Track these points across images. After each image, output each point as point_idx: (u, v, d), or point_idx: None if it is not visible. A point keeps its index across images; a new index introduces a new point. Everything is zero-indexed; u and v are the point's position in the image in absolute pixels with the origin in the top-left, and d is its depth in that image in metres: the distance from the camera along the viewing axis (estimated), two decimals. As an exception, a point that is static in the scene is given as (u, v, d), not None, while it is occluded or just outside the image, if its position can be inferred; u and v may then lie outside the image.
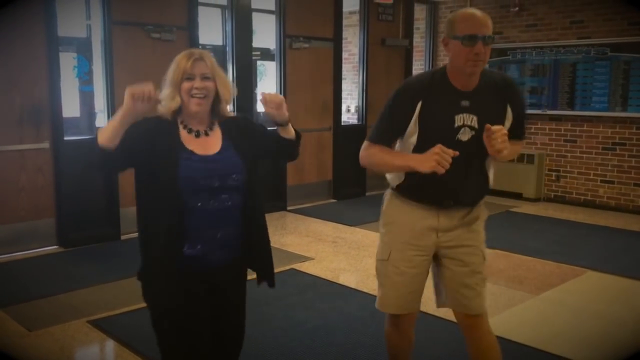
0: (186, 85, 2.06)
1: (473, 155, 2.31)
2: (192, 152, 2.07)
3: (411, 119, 2.30)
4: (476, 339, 2.47)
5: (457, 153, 2.17)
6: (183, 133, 2.11)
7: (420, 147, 2.28)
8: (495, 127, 2.17)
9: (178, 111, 2.11)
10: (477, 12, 2.25)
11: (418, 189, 2.37)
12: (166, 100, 2.07)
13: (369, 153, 2.40)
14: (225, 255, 2.14)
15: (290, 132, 2.27)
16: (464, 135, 2.29)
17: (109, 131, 1.98)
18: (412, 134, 2.32)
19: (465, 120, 2.28)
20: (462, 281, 2.44)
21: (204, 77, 2.07)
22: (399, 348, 2.61)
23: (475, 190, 2.42)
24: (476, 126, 2.27)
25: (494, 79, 2.36)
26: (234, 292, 2.26)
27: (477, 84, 2.31)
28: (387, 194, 2.53)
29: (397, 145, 2.43)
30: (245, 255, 2.23)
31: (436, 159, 2.14)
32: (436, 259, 2.48)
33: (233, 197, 2.11)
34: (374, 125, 2.44)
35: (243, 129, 2.22)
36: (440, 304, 2.55)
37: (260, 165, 2.26)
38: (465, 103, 2.28)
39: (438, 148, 2.15)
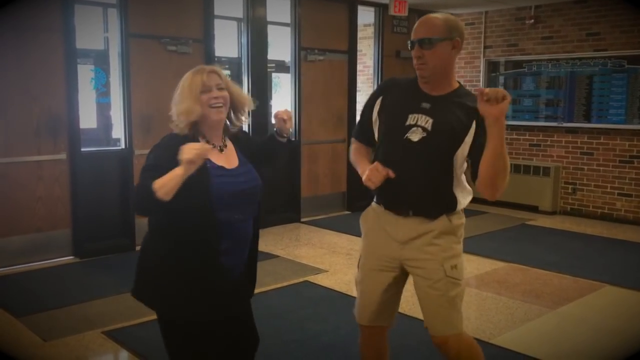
0: (205, 97, 2.09)
1: (423, 158, 2.27)
2: (222, 167, 2.13)
3: (372, 114, 2.42)
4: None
5: (392, 175, 2.21)
6: None
7: (380, 145, 2.40)
8: (488, 89, 2.08)
9: (194, 128, 2.13)
10: (427, 16, 2.31)
11: (381, 193, 2.37)
12: (184, 115, 2.08)
13: (351, 149, 2.55)
14: (242, 265, 2.23)
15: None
16: (414, 135, 2.27)
17: (171, 188, 1.90)
18: (376, 130, 2.42)
19: (419, 121, 2.28)
20: (424, 298, 2.35)
21: (219, 88, 2.13)
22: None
23: (431, 200, 2.32)
24: (429, 128, 2.26)
25: (469, 98, 2.29)
26: (246, 298, 2.33)
27: (448, 92, 2.31)
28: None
29: None
30: (245, 269, 2.29)
31: (367, 174, 2.23)
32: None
33: (253, 210, 2.20)
34: None
35: (245, 143, 2.30)
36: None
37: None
38: (425, 105, 2.29)
39: (375, 164, 2.25)
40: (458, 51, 2.30)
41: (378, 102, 2.42)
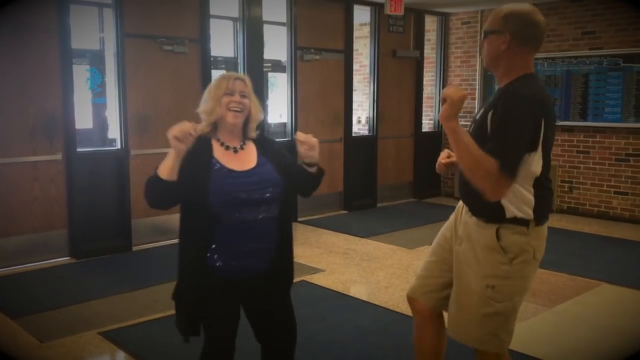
0: (226, 99, 2.25)
1: None
2: (228, 169, 2.23)
3: None
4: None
5: (442, 168, 2.43)
6: (217, 149, 2.28)
7: None
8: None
9: (214, 129, 2.30)
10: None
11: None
12: (206, 114, 2.27)
13: None
14: (256, 265, 2.28)
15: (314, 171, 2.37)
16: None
17: (167, 168, 2.11)
18: None
19: (477, 116, 2.28)
20: (453, 302, 2.36)
21: (242, 95, 2.28)
22: (416, 342, 2.56)
23: (471, 198, 2.21)
24: (473, 124, 2.28)
25: (506, 87, 2.18)
26: (270, 298, 2.38)
27: (502, 85, 2.22)
28: None
29: None
30: (273, 266, 2.34)
31: None
32: None
33: (270, 210, 2.26)
34: None
35: (277, 151, 2.40)
36: None
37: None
38: (490, 99, 2.27)
39: (445, 151, 2.49)
40: (509, 47, 2.14)
41: None
